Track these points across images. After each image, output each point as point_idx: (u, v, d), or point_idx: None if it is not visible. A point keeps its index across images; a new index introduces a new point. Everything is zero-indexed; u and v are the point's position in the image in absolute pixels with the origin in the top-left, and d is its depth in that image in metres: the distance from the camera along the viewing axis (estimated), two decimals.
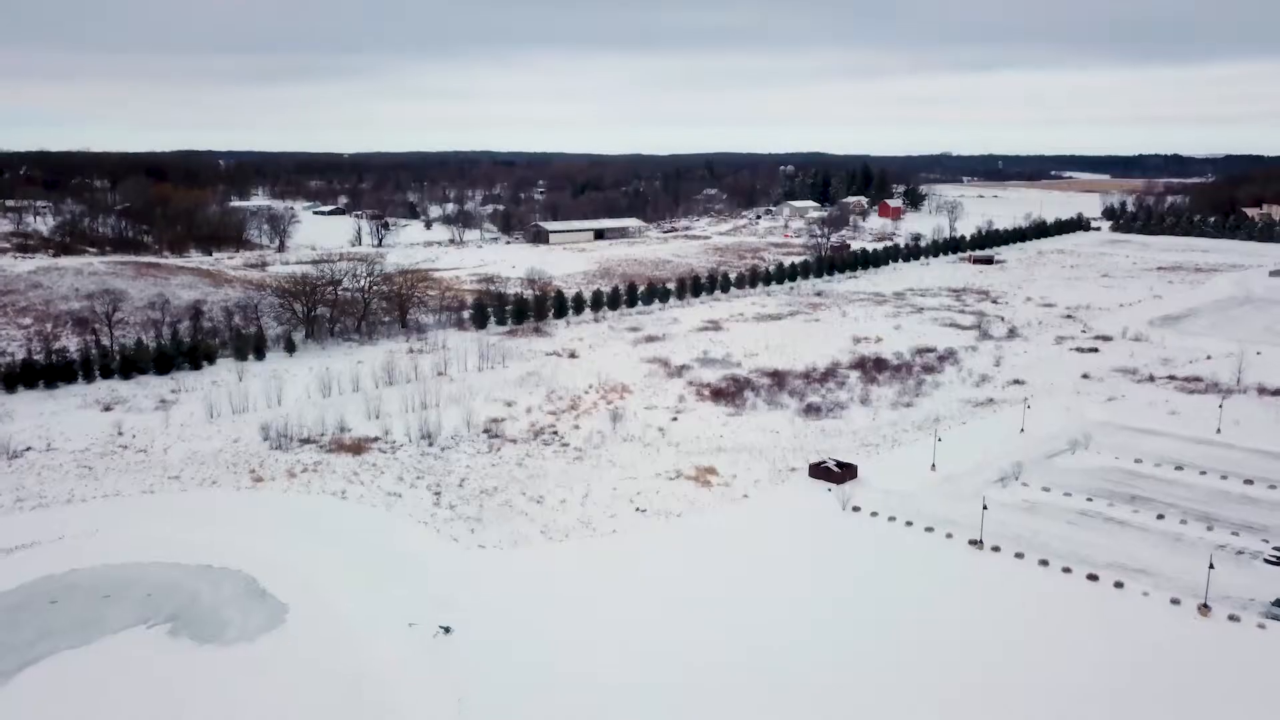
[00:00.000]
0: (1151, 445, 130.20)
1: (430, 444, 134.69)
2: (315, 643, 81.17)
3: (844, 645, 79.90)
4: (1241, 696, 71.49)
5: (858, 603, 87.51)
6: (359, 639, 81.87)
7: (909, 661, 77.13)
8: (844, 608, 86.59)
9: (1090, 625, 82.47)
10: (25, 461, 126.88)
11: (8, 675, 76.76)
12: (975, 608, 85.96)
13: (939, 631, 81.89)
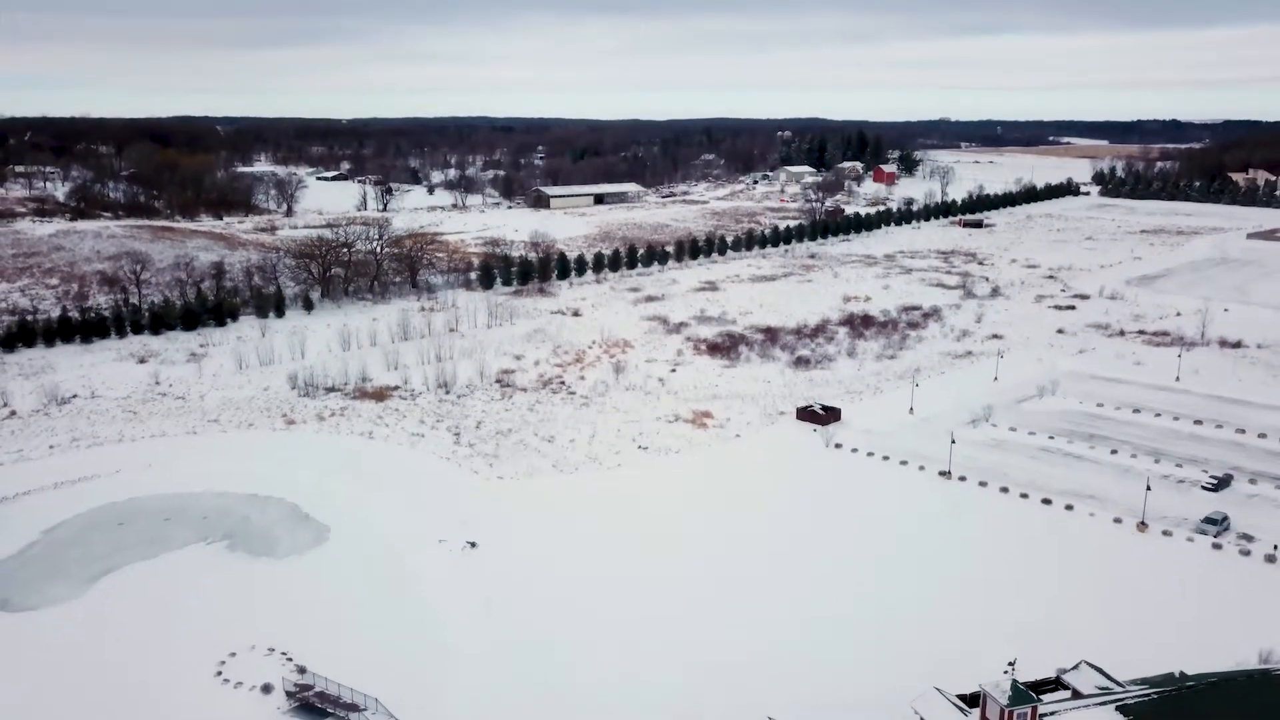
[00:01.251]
0: (1114, 392, 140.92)
1: (447, 392, 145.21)
2: (358, 556, 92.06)
3: (823, 556, 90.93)
4: (1167, 593, 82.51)
5: (836, 521, 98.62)
6: (396, 552, 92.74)
7: (883, 567, 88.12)
8: (823, 525, 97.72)
9: (1042, 538, 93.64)
10: (74, 407, 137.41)
11: (92, 580, 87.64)
12: (942, 524, 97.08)
13: (910, 544, 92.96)
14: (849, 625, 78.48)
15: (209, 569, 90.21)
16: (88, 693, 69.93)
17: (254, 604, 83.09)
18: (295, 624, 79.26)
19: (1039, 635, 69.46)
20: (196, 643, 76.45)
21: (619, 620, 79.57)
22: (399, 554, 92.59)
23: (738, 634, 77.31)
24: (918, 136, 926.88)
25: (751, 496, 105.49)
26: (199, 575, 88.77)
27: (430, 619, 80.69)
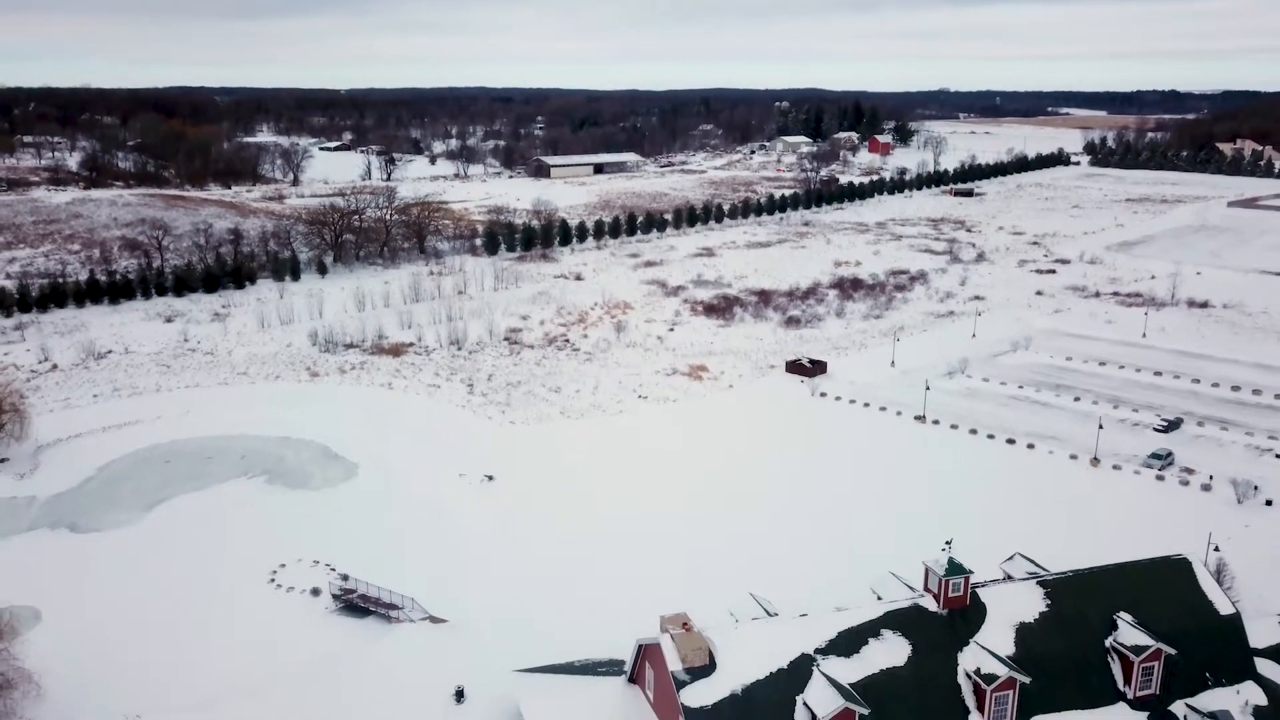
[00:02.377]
0: (1084, 347, 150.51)
1: (459, 349, 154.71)
2: (386, 488, 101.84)
3: (805, 481, 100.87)
4: (1109, 514, 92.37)
5: (818, 454, 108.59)
6: (421, 485, 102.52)
7: (858, 488, 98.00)
8: (806, 457, 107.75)
9: (1003, 470, 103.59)
10: (110, 361, 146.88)
11: (146, 509, 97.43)
12: (913, 458, 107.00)
13: (883, 472, 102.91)
14: (825, 533, 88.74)
15: (251, 499, 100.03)
16: (155, 599, 79.73)
17: (296, 526, 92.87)
18: (335, 542, 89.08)
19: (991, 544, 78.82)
20: (248, 556, 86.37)
21: (622, 534, 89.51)
22: (423, 486, 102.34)
23: (727, 541, 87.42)
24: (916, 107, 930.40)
25: (742, 436, 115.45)
26: (243, 504, 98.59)
27: (455, 537, 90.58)
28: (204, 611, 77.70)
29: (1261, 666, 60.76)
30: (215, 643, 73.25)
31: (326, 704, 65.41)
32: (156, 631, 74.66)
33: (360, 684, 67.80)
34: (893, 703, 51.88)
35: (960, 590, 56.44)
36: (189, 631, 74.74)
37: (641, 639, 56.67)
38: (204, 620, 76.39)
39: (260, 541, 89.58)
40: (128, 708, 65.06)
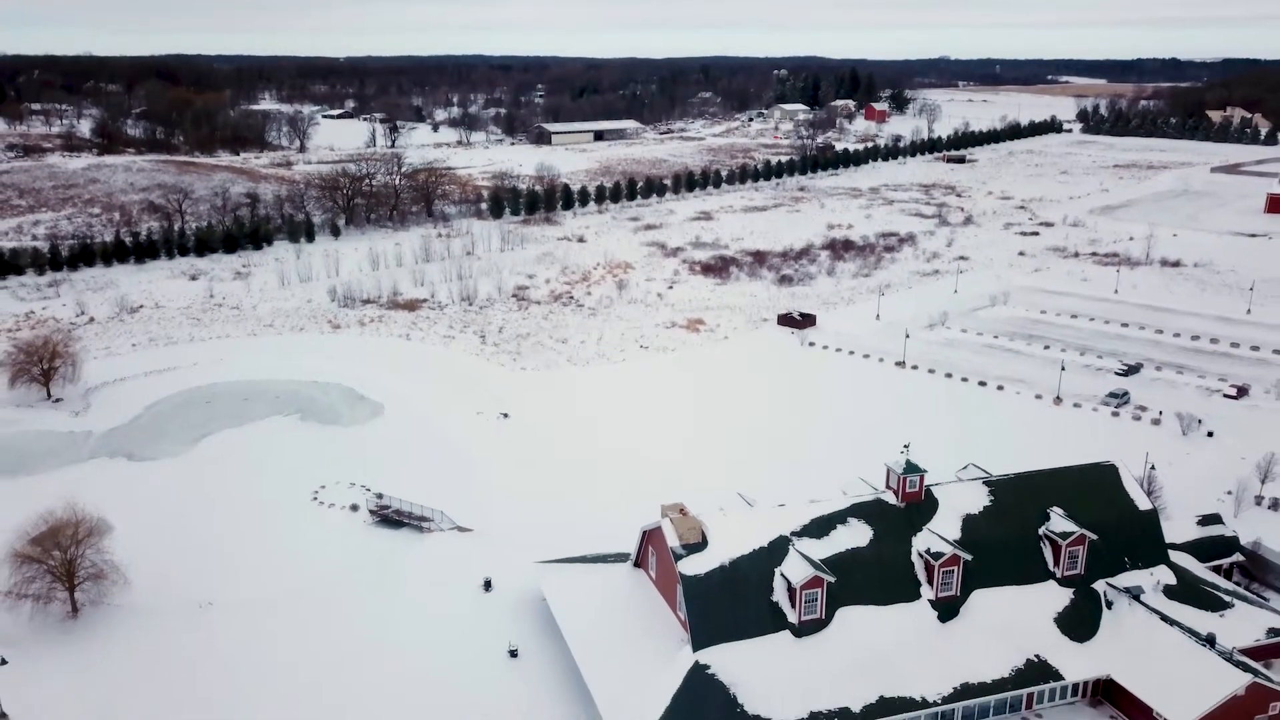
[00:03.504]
0: (1058, 302, 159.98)
1: (470, 304, 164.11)
2: (410, 425, 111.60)
3: (791, 413, 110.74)
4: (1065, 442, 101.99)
5: (804, 393, 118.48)
6: (442, 422, 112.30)
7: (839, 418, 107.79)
8: (793, 395, 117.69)
9: (972, 407, 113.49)
10: (143, 315, 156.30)
11: (194, 442, 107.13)
12: (891, 396, 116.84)
13: (863, 407, 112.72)
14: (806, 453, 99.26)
15: (288, 433, 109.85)
16: (210, 513, 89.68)
17: (331, 456, 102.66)
18: (367, 468, 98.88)
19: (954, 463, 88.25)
20: (291, 479, 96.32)
21: (626, 459, 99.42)
22: (444, 423, 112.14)
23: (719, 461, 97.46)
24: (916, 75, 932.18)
25: (736, 380, 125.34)
26: (281, 437, 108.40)
27: (475, 464, 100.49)
28: (256, 523, 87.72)
29: (1176, 557, 70.93)
30: (268, 549, 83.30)
31: (372, 597, 75.49)
32: (215, 539, 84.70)
33: (400, 581, 77.91)
34: (855, 575, 61.98)
35: (916, 487, 66.44)
36: (244, 539, 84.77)
37: (645, 526, 66.73)
38: (256, 530, 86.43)
39: (299, 468, 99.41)
40: (200, 596, 75.27)
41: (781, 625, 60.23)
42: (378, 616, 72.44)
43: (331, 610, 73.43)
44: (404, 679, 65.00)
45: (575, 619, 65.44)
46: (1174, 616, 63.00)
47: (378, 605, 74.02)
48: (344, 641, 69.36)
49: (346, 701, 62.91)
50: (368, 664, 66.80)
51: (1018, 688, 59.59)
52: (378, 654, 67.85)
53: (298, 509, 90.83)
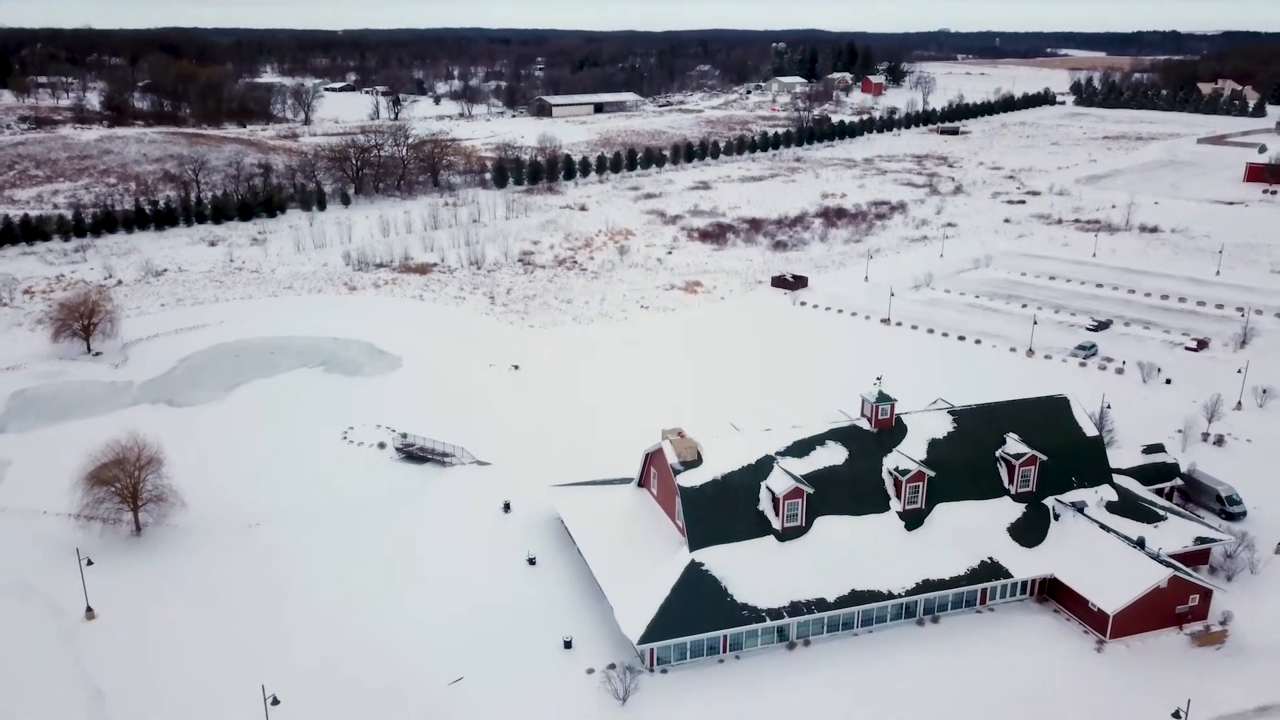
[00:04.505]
0: (1038, 265, 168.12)
1: (478, 268, 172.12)
2: (428, 375, 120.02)
3: (782, 365, 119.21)
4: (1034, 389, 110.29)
5: (794, 345, 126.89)
6: (458, 374, 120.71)
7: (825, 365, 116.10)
8: (784, 347, 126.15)
9: (953, 359, 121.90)
10: (168, 278, 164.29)
11: (227, 390, 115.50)
12: (875, 349, 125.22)
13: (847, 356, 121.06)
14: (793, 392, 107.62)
15: (314, 383, 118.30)
16: (249, 449, 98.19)
17: (356, 402, 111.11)
18: (390, 413, 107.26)
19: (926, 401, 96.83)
20: (321, 421, 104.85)
21: (628, 403, 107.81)
22: (459, 373, 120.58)
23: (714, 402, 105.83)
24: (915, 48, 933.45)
25: (731, 334, 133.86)
26: (308, 386, 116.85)
27: (490, 409, 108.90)
28: (293, 457, 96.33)
29: (1122, 480, 79.64)
30: (305, 478, 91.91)
31: (402, 518, 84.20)
32: (258, 470, 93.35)
33: (427, 506, 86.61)
34: (832, 488, 70.66)
35: (887, 414, 75.06)
36: (283, 470, 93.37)
37: (647, 448, 75.37)
38: (294, 463, 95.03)
39: (327, 412, 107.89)
40: (249, 518, 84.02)
41: (767, 531, 68.95)
42: (408, 533, 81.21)
43: (366, 528, 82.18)
44: (434, 584, 73.76)
45: (586, 530, 74.23)
46: (1112, 527, 71.77)
47: (407, 525, 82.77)
48: (379, 553, 78.14)
49: (383, 604, 71.62)
50: (401, 572, 75.55)
51: (972, 584, 68.40)
52: (410, 564, 76.61)
53: (329, 446, 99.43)
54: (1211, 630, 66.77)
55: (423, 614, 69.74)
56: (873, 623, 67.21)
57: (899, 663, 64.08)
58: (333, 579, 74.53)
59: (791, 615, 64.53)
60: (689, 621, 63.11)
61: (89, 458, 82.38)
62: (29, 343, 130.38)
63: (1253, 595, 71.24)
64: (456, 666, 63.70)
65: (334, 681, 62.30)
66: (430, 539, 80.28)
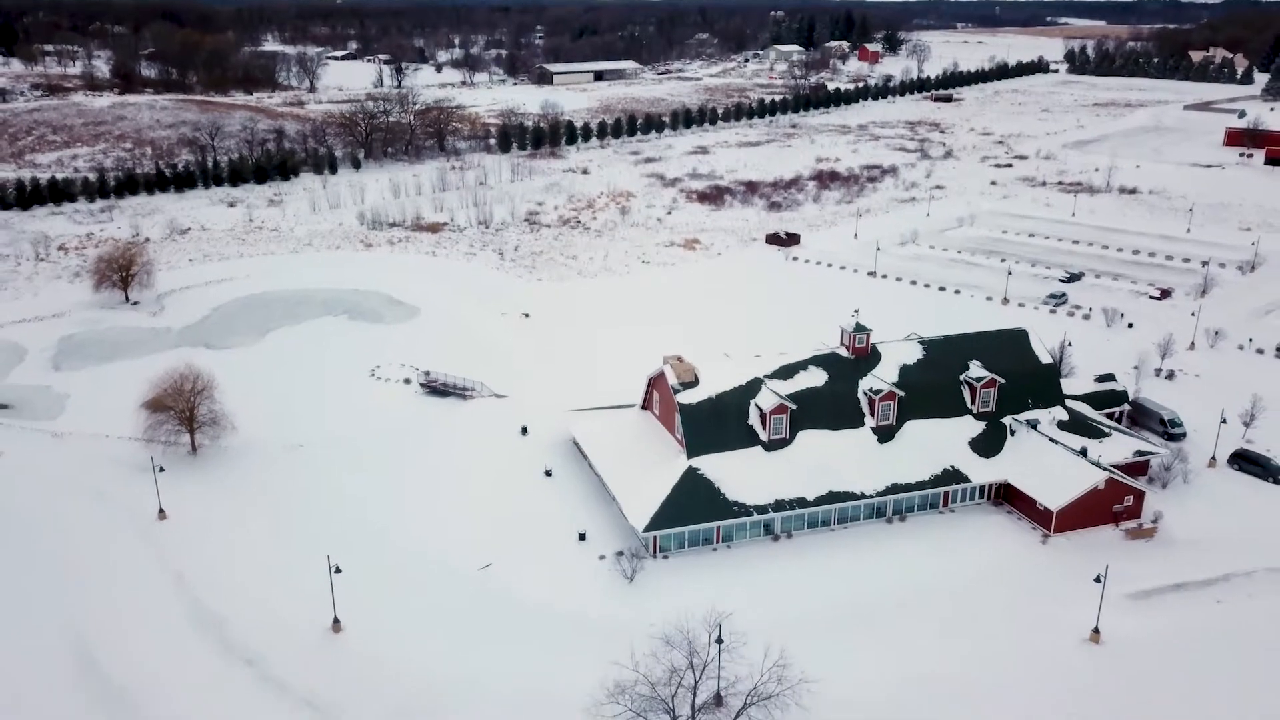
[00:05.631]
0: (1020, 224, 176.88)
1: (487, 227, 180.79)
2: (445, 323, 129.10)
3: (773, 310, 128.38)
4: None
5: (785, 294, 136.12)
6: (472, 321, 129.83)
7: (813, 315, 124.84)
8: (776, 298, 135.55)
9: (933, 307, 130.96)
10: (192, 235, 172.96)
11: (260, 336, 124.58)
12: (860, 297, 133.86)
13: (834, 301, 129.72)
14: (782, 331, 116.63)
15: (340, 329, 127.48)
16: (285, 385, 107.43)
17: (379, 345, 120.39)
18: (413, 355, 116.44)
19: None
20: (350, 361, 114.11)
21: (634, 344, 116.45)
22: (474, 321, 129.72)
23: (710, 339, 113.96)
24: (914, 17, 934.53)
25: (727, 285, 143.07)
26: (334, 332, 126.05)
27: (504, 352, 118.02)
28: (326, 392, 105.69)
29: (1075, 405, 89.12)
30: (339, 408, 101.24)
31: (431, 442, 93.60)
32: (296, 401, 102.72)
33: (452, 431, 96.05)
34: (813, 406, 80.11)
35: (864, 343, 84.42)
36: (318, 403, 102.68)
37: (650, 373, 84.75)
38: (327, 396, 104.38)
39: (354, 354, 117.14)
40: (292, 441, 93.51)
41: (755, 442, 78.48)
42: (436, 452, 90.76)
43: (398, 448, 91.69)
44: (462, 491, 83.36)
45: (596, 446, 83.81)
46: (1061, 441, 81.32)
47: (435, 446, 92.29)
48: (411, 467, 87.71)
49: (418, 507, 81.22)
50: (432, 482, 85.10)
51: (936, 487, 78.03)
52: (439, 476, 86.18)
53: (359, 382, 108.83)
54: (1143, 527, 76.47)
55: (453, 514, 79.42)
56: (847, 521, 76.92)
57: (869, 552, 73.81)
58: (372, 487, 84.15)
59: (776, 511, 74.19)
60: (687, 514, 72.79)
61: (149, 384, 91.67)
62: (70, 293, 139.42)
63: (1183, 500, 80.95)
64: (485, 556, 73.44)
65: (381, 565, 71.97)
66: (456, 457, 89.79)
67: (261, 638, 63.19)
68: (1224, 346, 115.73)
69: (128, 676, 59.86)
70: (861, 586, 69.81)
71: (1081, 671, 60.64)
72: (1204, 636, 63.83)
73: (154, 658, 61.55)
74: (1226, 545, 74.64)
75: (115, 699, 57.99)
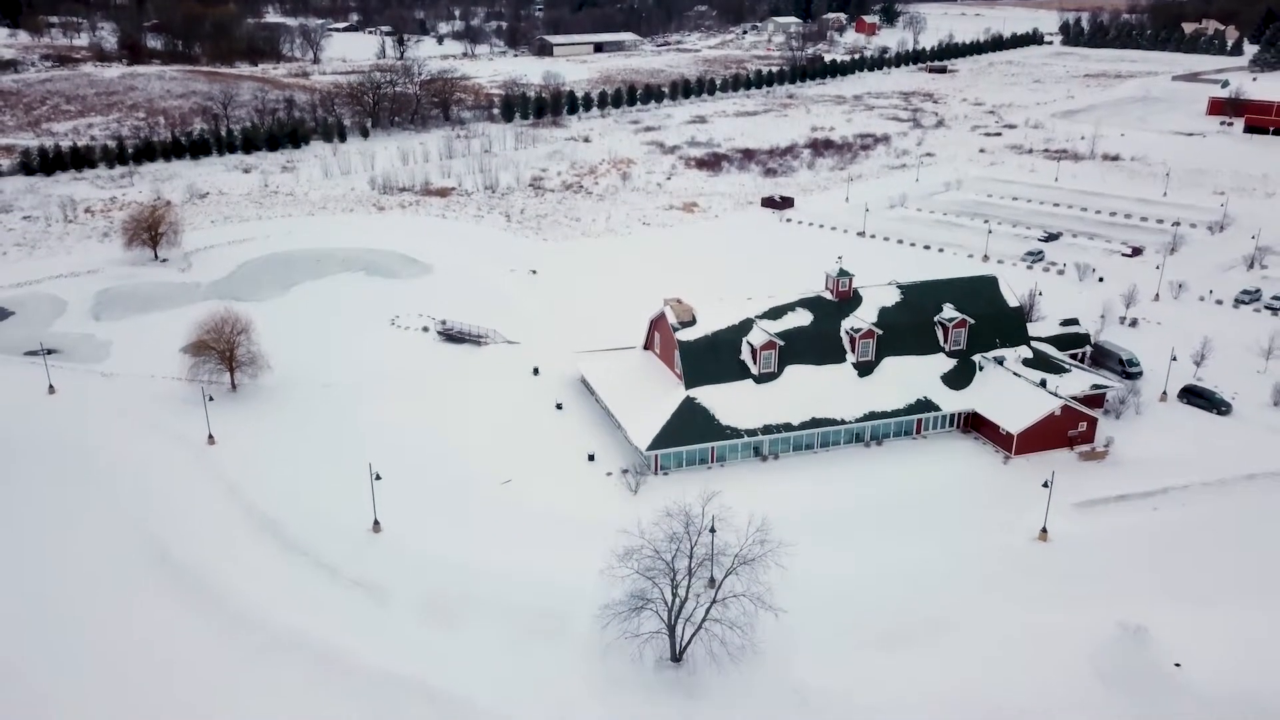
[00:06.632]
0: (1005, 189, 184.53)
1: (493, 192, 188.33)
2: (457, 279, 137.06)
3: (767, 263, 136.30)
4: None
5: (777, 252, 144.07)
6: (483, 276, 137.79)
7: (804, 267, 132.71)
8: (770, 254, 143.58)
9: (916, 263, 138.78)
10: (211, 199, 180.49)
11: (284, 290, 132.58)
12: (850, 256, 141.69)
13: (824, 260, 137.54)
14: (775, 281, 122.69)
15: (359, 283, 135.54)
16: (313, 332, 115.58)
17: (397, 298, 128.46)
18: (429, 306, 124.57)
19: None
20: (370, 313, 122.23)
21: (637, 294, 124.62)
22: (484, 277, 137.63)
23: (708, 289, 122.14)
24: None
25: (724, 244, 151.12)
26: (354, 286, 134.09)
27: (514, 305, 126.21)
28: (350, 338, 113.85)
29: (1041, 346, 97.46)
30: (364, 352, 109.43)
31: (451, 381, 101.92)
32: (324, 345, 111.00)
33: (469, 372, 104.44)
34: (799, 344, 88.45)
35: (846, 287, 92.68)
36: (343, 348, 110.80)
37: (651, 315, 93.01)
38: (352, 342, 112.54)
39: (374, 306, 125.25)
40: (323, 379, 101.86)
41: (746, 375, 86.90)
42: (456, 390, 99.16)
43: (421, 387, 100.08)
44: (482, 421, 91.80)
45: (602, 381, 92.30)
46: (1025, 375, 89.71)
47: (455, 384, 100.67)
48: (434, 401, 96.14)
49: (442, 434, 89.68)
50: (453, 416, 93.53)
51: (909, 415, 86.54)
52: (460, 409, 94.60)
53: (380, 330, 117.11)
54: (1096, 450, 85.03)
55: (474, 439, 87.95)
56: (829, 444, 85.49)
57: (847, 471, 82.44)
58: (401, 417, 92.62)
59: (764, 434, 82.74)
60: (685, 436, 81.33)
61: (188, 329, 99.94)
62: (101, 251, 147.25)
63: (1135, 429, 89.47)
64: (505, 473, 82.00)
65: (413, 480, 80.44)
66: (474, 394, 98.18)
67: (312, 535, 71.89)
68: (1186, 298, 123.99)
69: (199, 565, 68.62)
70: (840, 498, 78.42)
71: (1029, 563, 69.41)
72: (1138, 535, 72.57)
73: (219, 550, 70.33)
74: (1169, 465, 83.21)
75: (191, 582, 66.74)
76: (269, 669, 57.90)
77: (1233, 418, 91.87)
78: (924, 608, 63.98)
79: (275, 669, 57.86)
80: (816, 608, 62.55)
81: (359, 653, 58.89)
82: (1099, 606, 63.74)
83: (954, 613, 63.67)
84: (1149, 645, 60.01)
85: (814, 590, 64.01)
